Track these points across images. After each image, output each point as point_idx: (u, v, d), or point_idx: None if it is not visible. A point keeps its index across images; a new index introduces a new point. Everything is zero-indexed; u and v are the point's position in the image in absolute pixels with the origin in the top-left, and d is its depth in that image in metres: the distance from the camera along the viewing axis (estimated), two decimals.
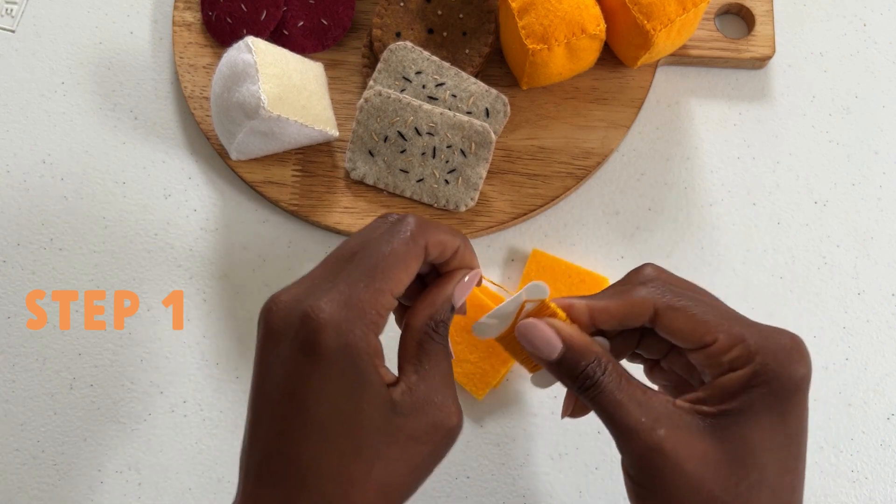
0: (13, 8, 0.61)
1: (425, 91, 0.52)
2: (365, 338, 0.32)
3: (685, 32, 0.52)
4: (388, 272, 0.33)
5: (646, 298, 0.36)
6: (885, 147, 0.55)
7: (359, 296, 0.32)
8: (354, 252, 0.34)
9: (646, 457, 0.33)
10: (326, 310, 0.31)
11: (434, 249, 0.35)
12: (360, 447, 0.32)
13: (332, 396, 0.31)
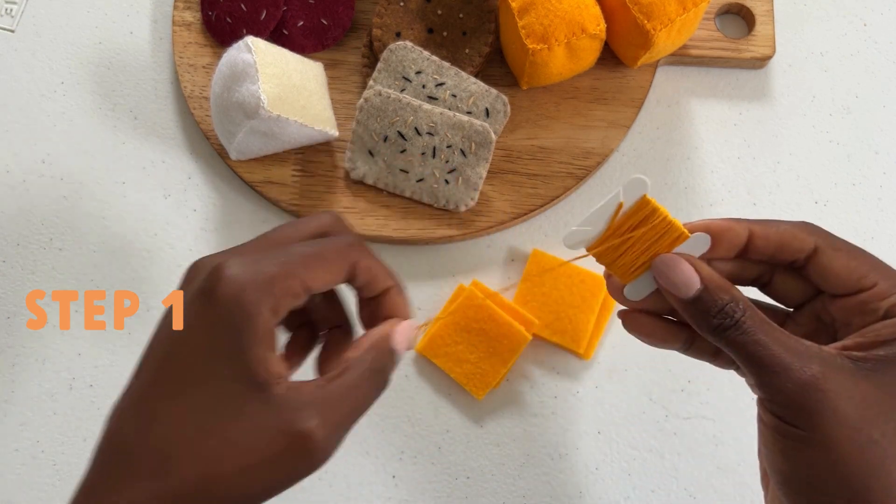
0: (13, 8, 0.61)
1: (425, 91, 0.52)
2: (258, 303, 0.30)
3: (685, 32, 0.52)
4: (308, 264, 0.32)
5: (809, 232, 0.34)
6: (885, 147, 0.55)
7: (270, 269, 0.31)
8: (285, 242, 0.33)
9: (800, 394, 0.31)
10: (234, 267, 0.31)
11: (362, 274, 0.34)
12: (198, 407, 0.30)
13: (206, 346, 0.30)
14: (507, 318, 0.50)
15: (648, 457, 0.50)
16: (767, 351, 0.32)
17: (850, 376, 0.31)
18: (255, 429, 0.30)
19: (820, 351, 0.32)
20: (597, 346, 0.51)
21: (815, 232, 0.35)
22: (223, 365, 0.30)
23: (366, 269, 0.34)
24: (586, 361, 0.51)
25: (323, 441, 0.31)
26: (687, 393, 0.50)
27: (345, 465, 0.50)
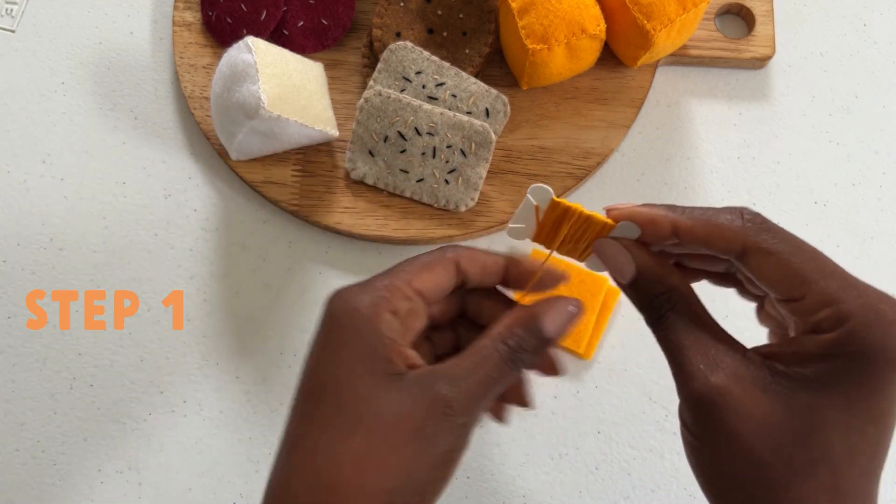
0: (13, 8, 0.61)
1: (425, 91, 0.52)
2: (371, 306, 0.32)
3: (685, 32, 0.52)
4: (411, 271, 0.34)
5: (736, 231, 0.32)
6: (885, 147, 0.55)
7: (375, 281, 0.33)
8: (397, 265, 0.35)
9: (700, 404, 0.31)
10: (345, 289, 0.33)
11: (470, 265, 0.35)
12: (342, 418, 0.31)
13: (332, 362, 0.32)
14: None
15: (648, 457, 0.50)
16: (682, 353, 0.32)
17: (758, 391, 0.30)
18: (395, 406, 0.31)
19: (734, 360, 0.31)
20: (597, 346, 0.51)
21: (743, 230, 0.32)
22: (359, 367, 0.31)
23: (469, 259, 0.35)
24: (586, 361, 0.51)
25: (460, 406, 0.31)
26: None
27: None
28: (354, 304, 0.32)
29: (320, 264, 0.54)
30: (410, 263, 0.34)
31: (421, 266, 0.34)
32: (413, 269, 0.34)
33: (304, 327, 0.53)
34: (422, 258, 0.35)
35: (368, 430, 0.30)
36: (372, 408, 0.31)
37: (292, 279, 0.54)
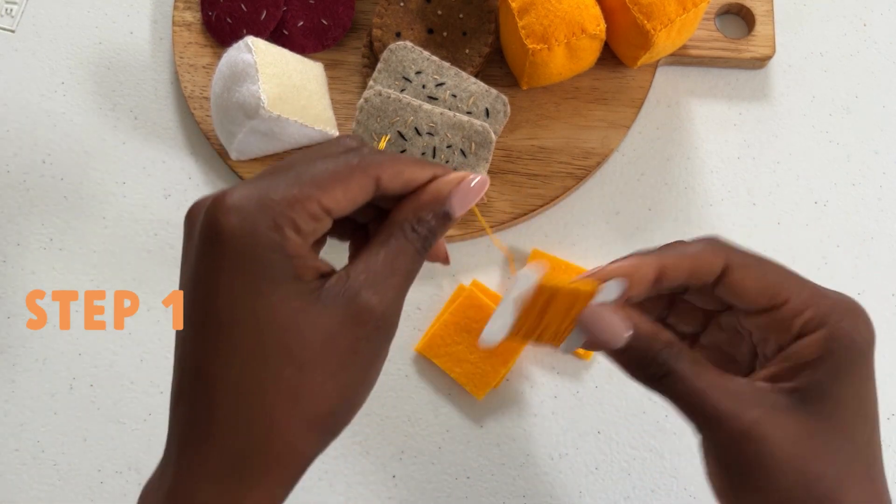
0: (13, 8, 0.61)
1: (425, 91, 0.52)
2: (274, 228, 0.28)
3: (685, 32, 0.52)
4: (322, 184, 0.29)
5: (717, 253, 0.33)
6: (885, 147, 0.55)
7: (276, 190, 0.28)
8: (293, 164, 0.30)
9: (738, 444, 0.31)
10: (235, 196, 0.28)
11: (392, 182, 0.31)
12: (267, 352, 0.28)
13: (236, 290, 0.28)
14: None
15: (648, 457, 0.50)
16: (705, 400, 0.31)
17: (784, 413, 0.31)
18: (320, 329, 0.28)
19: (754, 391, 0.31)
20: None
21: (721, 250, 0.33)
22: (271, 294, 0.28)
23: (394, 175, 0.31)
24: (587, 361, 0.51)
25: (386, 312, 0.29)
26: None
27: (345, 465, 0.50)
28: (252, 226, 0.27)
29: None
30: (316, 166, 0.29)
31: (332, 177, 0.29)
32: (322, 178, 0.29)
33: None
34: (330, 163, 0.29)
35: (299, 361, 0.28)
36: (297, 336, 0.28)
37: None
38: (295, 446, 0.28)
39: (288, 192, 0.28)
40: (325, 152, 0.30)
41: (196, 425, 0.28)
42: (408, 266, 0.31)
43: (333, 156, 0.30)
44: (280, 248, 0.28)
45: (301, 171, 0.29)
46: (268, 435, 0.28)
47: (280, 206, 0.28)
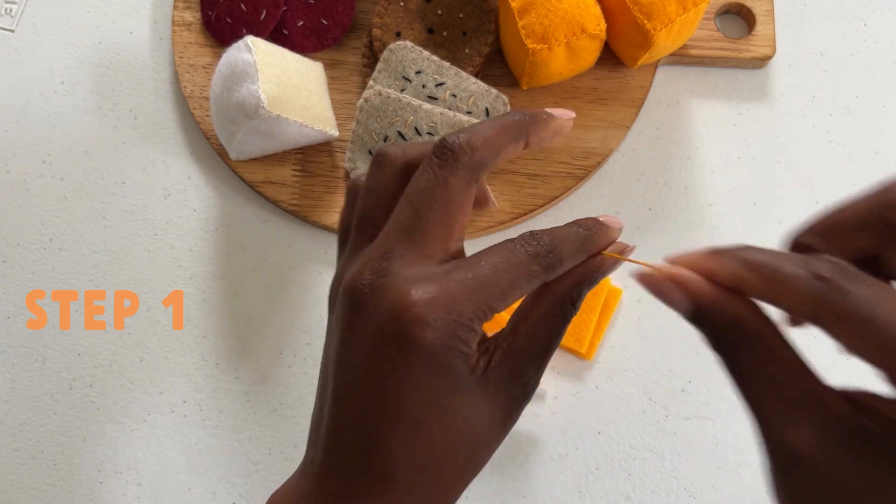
0: (13, 8, 0.61)
1: (425, 91, 0.52)
2: (463, 343, 0.29)
3: (685, 32, 0.52)
4: (505, 296, 0.30)
5: (809, 294, 0.26)
6: (885, 147, 0.55)
7: (466, 305, 0.29)
8: (485, 269, 0.30)
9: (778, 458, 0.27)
10: (424, 307, 0.28)
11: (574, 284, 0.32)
12: (449, 442, 0.29)
13: (425, 394, 0.29)
14: (503, 317, 0.50)
15: (648, 457, 0.50)
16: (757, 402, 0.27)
17: (841, 456, 0.25)
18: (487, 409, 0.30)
19: (817, 414, 0.26)
20: (598, 346, 0.51)
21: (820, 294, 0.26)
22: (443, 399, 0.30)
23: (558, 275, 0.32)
24: (587, 361, 0.51)
25: (535, 386, 0.31)
26: (687, 393, 0.50)
27: None
28: (444, 343, 0.29)
29: (320, 264, 0.54)
30: (505, 288, 0.29)
31: (517, 293, 0.30)
32: (509, 295, 0.29)
33: (304, 327, 0.53)
34: (521, 284, 0.30)
35: (471, 443, 0.30)
36: (471, 423, 0.30)
37: (292, 279, 0.54)
38: (447, 502, 0.31)
39: (475, 308, 0.29)
40: (510, 259, 0.30)
41: (371, 487, 0.30)
42: (558, 341, 0.32)
43: (516, 265, 0.30)
44: (465, 357, 0.29)
45: (486, 282, 0.29)
46: (434, 501, 0.30)
47: (469, 324, 0.29)
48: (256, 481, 0.50)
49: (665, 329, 0.52)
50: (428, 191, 0.31)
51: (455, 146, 0.31)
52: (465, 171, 0.31)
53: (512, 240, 0.31)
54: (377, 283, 0.29)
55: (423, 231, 0.30)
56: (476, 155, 0.31)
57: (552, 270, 0.31)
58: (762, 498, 0.49)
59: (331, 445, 0.31)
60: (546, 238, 0.31)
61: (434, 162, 0.31)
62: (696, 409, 0.50)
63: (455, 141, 0.31)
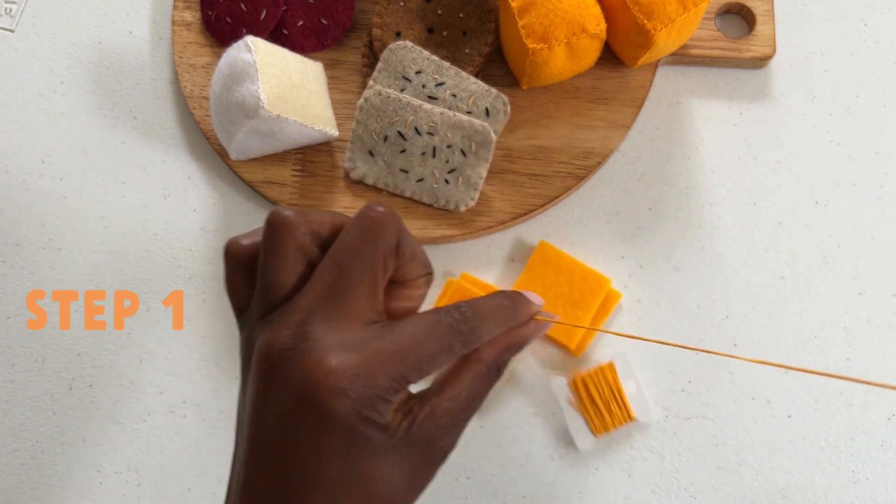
0: (12, 7, 0.61)
1: (425, 91, 0.52)
2: (378, 414, 0.29)
3: (686, 32, 0.52)
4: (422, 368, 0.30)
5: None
6: (886, 147, 0.55)
7: (381, 375, 0.29)
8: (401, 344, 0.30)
9: None
10: (339, 377, 0.29)
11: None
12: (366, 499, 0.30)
13: (338, 460, 0.29)
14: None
15: (648, 457, 0.49)
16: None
17: None
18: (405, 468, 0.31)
19: None
20: (591, 345, 0.51)
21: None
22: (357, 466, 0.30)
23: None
24: (587, 362, 0.51)
25: (453, 447, 0.32)
26: (687, 393, 0.50)
27: None
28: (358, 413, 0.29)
29: None
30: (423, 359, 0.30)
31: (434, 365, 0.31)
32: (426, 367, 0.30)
33: None
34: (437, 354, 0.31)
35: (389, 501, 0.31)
36: (389, 484, 0.30)
37: None
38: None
39: (392, 381, 0.29)
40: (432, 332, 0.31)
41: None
42: (479, 405, 0.33)
43: (438, 339, 0.31)
44: (381, 427, 0.30)
45: (406, 354, 0.30)
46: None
47: (385, 396, 0.29)
48: None
49: (665, 329, 0.52)
50: (356, 251, 0.31)
51: (380, 213, 0.31)
52: (393, 238, 0.31)
53: (437, 311, 0.32)
54: (298, 346, 0.29)
55: (347, 292, 0.30)
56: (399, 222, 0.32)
57: (470, 346, 0.32)
58: (762, 498, 0.49)
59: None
60: (469, 313, 0.32)
61: (361, 224, 0.31)
62: (695, 409, 0.50)
63: (379, 209, 0.31)
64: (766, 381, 0.50)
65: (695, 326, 0.51)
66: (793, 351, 0.51)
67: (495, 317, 0.33)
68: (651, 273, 0.53)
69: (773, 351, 0.51)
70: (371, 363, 0.29)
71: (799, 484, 0.49)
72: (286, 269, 0.31)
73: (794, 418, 0.50)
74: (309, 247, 0.32)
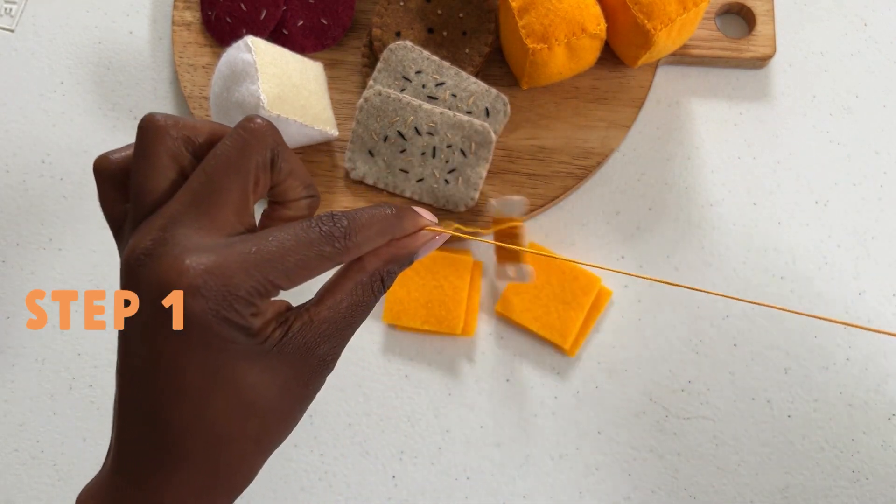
0: (12, 8, 0.61)
1: (425, 91, 0.52)
2: (240, 317, 0.28)
3: (686, 32, 0.52)
4: (288, 272, 0.29)
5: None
6: (885, 147, 0.55)
7: (242, 278, 0.28)
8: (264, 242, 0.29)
9: None
10: (195, 275, 0.27)
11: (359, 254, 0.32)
12: (236, 413, 0.29)
13: (203, 366, 0.29)
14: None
15: (648, 457, 0.49)
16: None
17: None
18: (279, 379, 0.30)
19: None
20: (585, 344, 0.51)
21: None
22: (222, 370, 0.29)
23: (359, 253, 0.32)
24: (586, 362, 0.51)
25: (333, 360, 0.31)
26: (687, 393, 0.50)
27: (345, 465, 0.50)
28: (217, 315, 0.28)
29: None
30: (288, 256, 0.29)
31: (302, 268, 0.29)
32: (292, 270, 0.29)
33: None
34: (303, 254, 0.29)
35: (262, 413, 0.30)
36: (260, 392, 0.30)
37: None
38: (248, 474, 0.31)
39: (255, 283, 0.28)
40: (300, 237, 0.30)
41: (164, 462, 0.29)
42: (364, 317, 0.32)
43: (307, 244, 0.30)
44: (245, 330, 0.29)
45: (270, 257, 0.29)
46: (233, 473, 0.30)
47: (247, 298, 0.28)
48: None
49: (665, 329, 0.52)
50: (226, 160, 0.30)
51: (256, 125, 0.30)
52: (267, 150, 0.30)
53: (309, 218, 0.30)
54: (155, 251, 0.28)
55: (214, 200, 0.29)
56: (277, 136, 0.31)
57: (347, 254, 0.31)
58: (762, 498, 0.49)
59: (121, 427, 0.30)
60: (345, 221, 0.31)
61: (235, 134, 0.30)
62: (695, 409, 0.50)
63: (257, 120, 0.30)
64: (766, 381, 0.50)
65: (695, 326, 0.52)
66: (793, 351, 0.51)
67: (375, 225, 0.32)
68: (651, 273, 0.53)
69: (773, 351, 0.51)
70: (229, 264, 0.28)
71: (799, 484, 0.49)
72: (156, 174, 0.30)
73: (794, 418, 0.50)
74: (181, 153, 0.31)
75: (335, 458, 0.50)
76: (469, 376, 0.51)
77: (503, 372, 0.51)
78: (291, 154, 0.32)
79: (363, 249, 0.32)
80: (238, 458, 0.30)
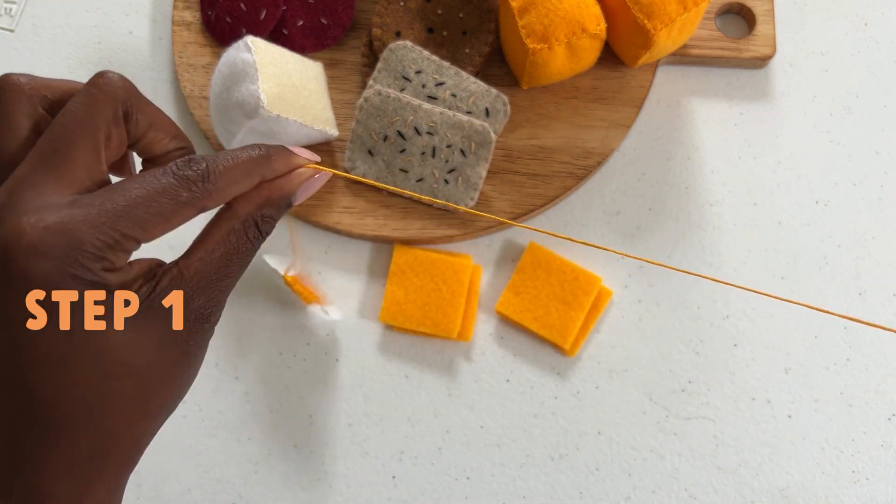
0: (12, 7, 0.61)
1: (425, 90, 0.52)
2: (89, 272, 0.27)
3: (686, 32, 0.52)
4: (140, 220, 0.28)
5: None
6: (886, 147, 0.55)
7: (88, 233, 0.27)
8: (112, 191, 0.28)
9: None
10: (36, 234, 0.26)
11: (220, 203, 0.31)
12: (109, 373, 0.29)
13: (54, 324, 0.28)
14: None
15: (648, 457, 0.49)
16: None
17: None
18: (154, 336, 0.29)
19: None
20: (585, 344, 0.51)
21: None
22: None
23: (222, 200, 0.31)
24: (586, 362, 0.51)
25: (212, 313, 0.30)
26: (687, 393, 0.50)
27: (345, 465, 0.50)
28: (63, 273, 0.27)
29: (320, 264, 0.54)
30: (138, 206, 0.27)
31: (155, 215, 0.28)
32: (144, 218, 0.28)
33: (304, 327, 0.53)
34: (156, 200, 0.28)
35: (137, 372, 0.29)
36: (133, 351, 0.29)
37: None
38: (138, 441, 0.30)
39: (102, 236, 0.27)
40: (153, 185, 0.29)
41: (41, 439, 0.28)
42: (242, 266, 0.31)
43: (160, 191, 0.29)
44: (100, 286, 0.28)
45: (120, 209, 0.27)
46: (119, 439, 0.29)
47: (97, 253, 0.27)
48: (256, 481, 0.50)
49: (665, 329, 0.52)
50: (74, 116, 0.29)
51: (106, 79, 0.29)
52: (118, 103, 0.29)
53: (165, 166, 0.29)
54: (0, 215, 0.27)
55: (61, 157, 0.28)
56: (130, 90, 0.30)
57: (209, 198, 0.29)
58: (762, 498, 0.49)
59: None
60: (203, 164, 0.29)
61: (85, 90, 0.29)
62: (696, 409, 0.50)
63: (109, 75, 0.29)
64: (766, 381, 0.50)
65: (695, 326, 0.51)
66: (793, 351, 0.51)
67: (239, 167, 0.30)
68: (651, 273, 0.53)
69: (773, 351, 0.51)
70: (72, 219, 0.27)
71: (799, 484, 0.49)
72: (10, 133, 0.29)
73: (794, 418, 0.50)
74: (36, 112, 0.30)
75: (335, 458, 0.50)
76: (469, 376, 0.51)
77: (503, 372, 0.51)
78: (151, 105, 0.31)
79: (229, 194, 0.30)
80: (121, 423, 0.29)
